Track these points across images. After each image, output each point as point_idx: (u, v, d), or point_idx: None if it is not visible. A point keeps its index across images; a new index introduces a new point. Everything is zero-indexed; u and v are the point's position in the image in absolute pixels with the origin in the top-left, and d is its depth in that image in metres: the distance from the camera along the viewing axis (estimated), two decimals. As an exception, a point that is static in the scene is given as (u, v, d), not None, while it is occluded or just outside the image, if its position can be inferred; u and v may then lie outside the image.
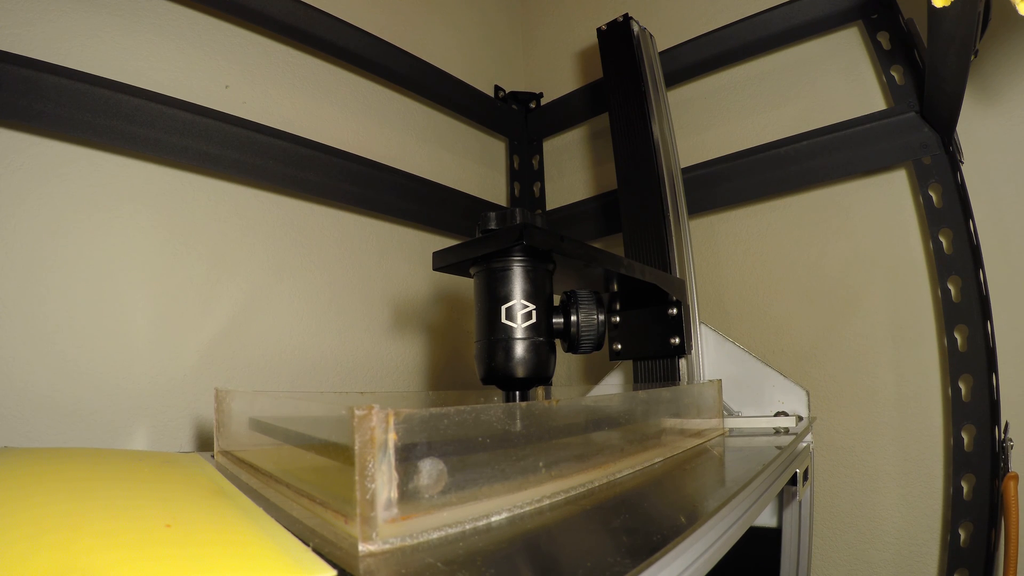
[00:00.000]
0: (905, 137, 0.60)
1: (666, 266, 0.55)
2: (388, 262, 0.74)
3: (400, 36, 0.76)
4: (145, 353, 0.51)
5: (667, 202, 0.58)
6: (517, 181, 0.96)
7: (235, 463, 0.33)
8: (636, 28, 0.66)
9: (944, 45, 0.42)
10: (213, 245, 0.57)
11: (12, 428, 0.44)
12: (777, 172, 0.69)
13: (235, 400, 0.35)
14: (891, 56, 0.63)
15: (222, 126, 0.55)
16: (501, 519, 0.22)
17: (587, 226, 0.85)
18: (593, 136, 0.95)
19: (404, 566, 0.17)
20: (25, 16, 0.48)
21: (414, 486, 0.19)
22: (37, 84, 0.45)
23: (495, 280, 0.32)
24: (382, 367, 0.71)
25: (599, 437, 0.30)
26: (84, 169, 0.50)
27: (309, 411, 0.27)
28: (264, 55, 0.65)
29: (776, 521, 0.54)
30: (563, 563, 0.19)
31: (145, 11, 0.55)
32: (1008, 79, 0.59)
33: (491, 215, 0.32)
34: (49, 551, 0.17)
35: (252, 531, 0.20)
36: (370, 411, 0.18)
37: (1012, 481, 0.45)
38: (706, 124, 0.81)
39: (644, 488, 0.29)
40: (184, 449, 0.53)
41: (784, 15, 0.68)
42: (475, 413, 0.22)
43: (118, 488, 0.25)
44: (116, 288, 0.51)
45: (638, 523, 0.23)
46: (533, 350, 0.31)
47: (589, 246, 0.34)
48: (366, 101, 0.75)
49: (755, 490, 0.32)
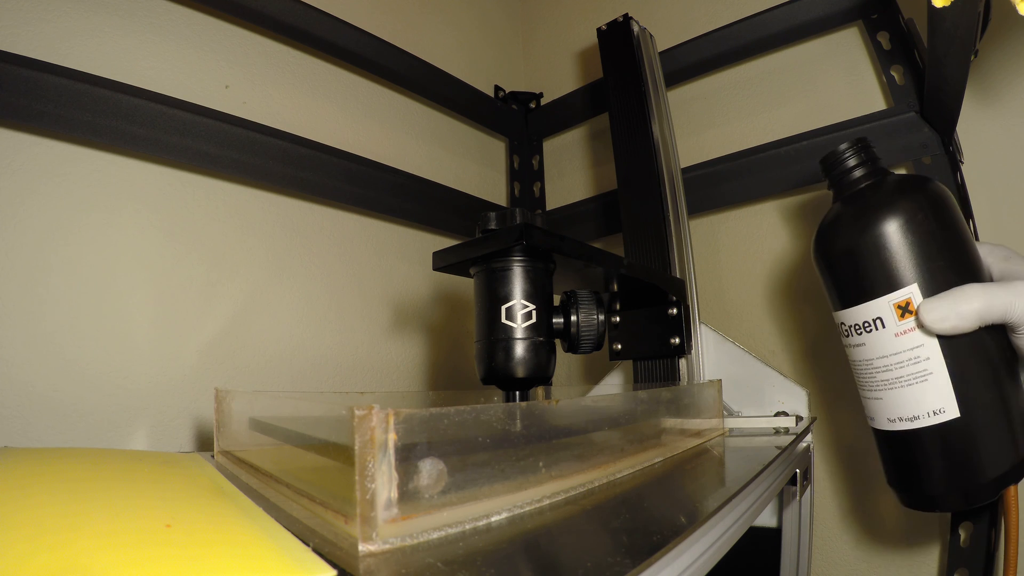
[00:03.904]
0: (905, 137, 0.60)
1: (666, 266, 0.55)
2: (388, 262, 0.74)
3: (400, 36, 0.76)
4: (145, 353, 0.52)
5: (667, 202, 0.58)
6: (517, 181, 0.96)
7: (235, 463, 0.33)
8: (636, 28, 0.66)
9: (944, 45, 0.42)
10: (213, 245, 0.57)
11: (12, 428, 0.44)
12: (777, 172, 0.69)
13: (235, 400, 0.35)
14: (891, 56, 0.63)
15: (222, 126, 0.55)
16: (501, 519, 0.22)
17: (587, 226, 0.85)
18: (593, 136, 0.95)
19: (404, 566, 0.17)
20: (25, 16, 0.48)
21: (414, 486, 0.19)
22: (37, 84, 0.45)
23: (495, 280, 0.32)
24: (382, 367, 0.71)
25: (599, 437, 0.30)
26: (84, 169, 0.50)
27: (309, 411, 0.27)
28: (264, 55, 0.65)
29: (776, 521, 0.54)
30: (563, 563, 0.19)
31: (145, 11, 0.55)
32: (1008, 79, 0.59)
33: (491, 215, 0.32)
34: (49, 551, 0.17)
35: (252, 531, 0.20)
36: (370, 411, 0.18)
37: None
38: (706, 124, 0.81)
39: (644, 488, 0.29)
40: (184, 449, 0.53)
41: (784, 15, 0.68)
42: (475, 413, 0.22)
43: (118, 488, 0.25)
44: (116, 288, 0.51)
45: (638, 523, 0.23)
46: (533, 350, 0.31)
47: (589, 246, 0.34)
48: (366, 101, 0.75)
49: (755, 490, 0.32)
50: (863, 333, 0.38)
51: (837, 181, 0.41)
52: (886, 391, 0.37)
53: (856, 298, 0.38)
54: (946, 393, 0.35)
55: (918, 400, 0.36)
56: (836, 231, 0.40)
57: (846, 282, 0.39)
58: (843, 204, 0.41)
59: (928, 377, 0.35)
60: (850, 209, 0.40)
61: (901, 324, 0.36)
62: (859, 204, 0.39)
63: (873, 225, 0.37)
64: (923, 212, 0.37)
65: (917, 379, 0.36)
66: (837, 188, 0.42)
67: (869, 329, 0.37)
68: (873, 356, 0.38)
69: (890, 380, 0.37)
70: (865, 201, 0.39)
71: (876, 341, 0.37)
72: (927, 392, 0.36)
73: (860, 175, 0.40)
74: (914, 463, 0.38)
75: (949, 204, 0.38)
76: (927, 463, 0.37)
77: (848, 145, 0.41)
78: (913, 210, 0.37)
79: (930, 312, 0.34)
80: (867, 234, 0.37)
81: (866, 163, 0.40)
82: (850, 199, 0.40)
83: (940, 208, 0.37)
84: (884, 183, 0.39)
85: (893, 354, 0.37)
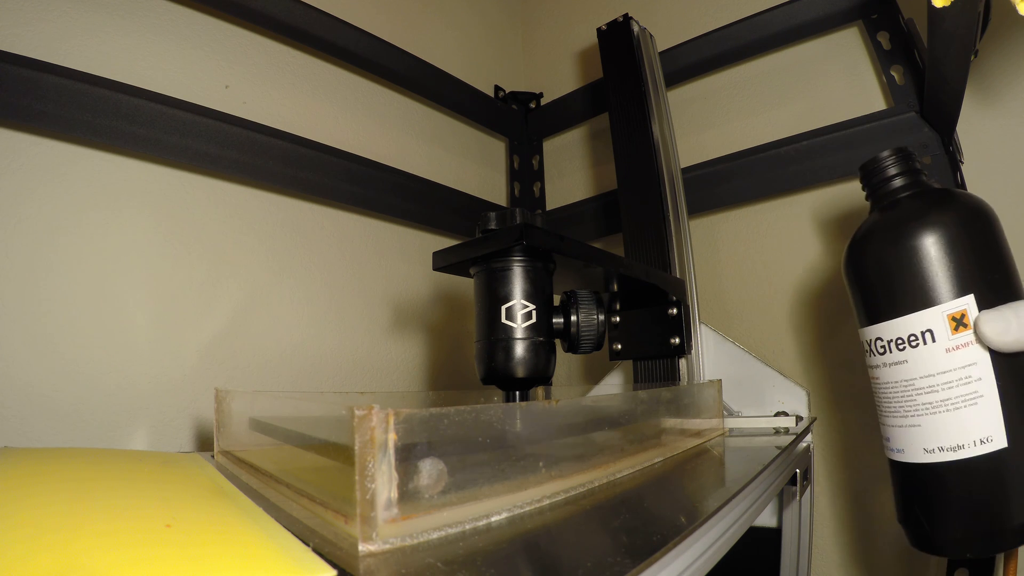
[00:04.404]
0: (905, 137, 0.60)
1: (666, 266, 0.55)
2: (388, 262, 0.74)
3: (400, 36, 0.76)
4: (145, 353, 0.52)
5: (667, 202, 0.58)
6: (517, 181, 0.96)
7: (235, 463, 0.33)
8: (636, 28, 0.66)
9: (944, 45, 0.42)
10: (213, 245, 0.57)
11: (12, 428, 0.44)
12: (777, 172, 0.69)
13: (235, 400, 0.35)
14: (891, 56, 0.63)
15: (222, 126, 0.55)
16: (501, 519, 0.22)
17: (587, 226, 0.85)
18: (593, 136, 0.95)
19: (404, 566, 0.17)
20: (25, 16, 0.48)
21: (414, 486, 0.19)
22: (37, 84, 0.45)
23: (495, 280, 0.32)
24: (382, 367, 0.71)
25: (599, 437, 0.30)
26: (84, 169, 0.50)
27: (309, 411, 0.27)
28: (264, 55, 0.65)
29: (776, 521, 0.54)
30: (563, 563, 0.19)
31: (145, 11, 0.55)
32: (1008, 79, 0.59)
33: (491, 215, 0.32)
34: (49, 551, 0.17)
35: (252, 531, 0.20)
36: (370, 411, 0.18)
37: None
38: (706, 124, 0.81)
39: (644, 488, 0.29)
40: (184, 449, 0.53)
41: (784, 15, 0.68)
42: (475, 413, 0.22)
43: (118, 488, 0.25)
44: (116, 288, 0.51)
45: (638, 523, 0.23)
46: (533, 350, 0.31)
47: (589, 246, 0.34)
48: (366, 101, 0.75)
49: (755, 490, 0.32)
50: (906, 348, 0.34)
51: (878, 188, 0.39)
52: (927, 416, 0.33)
53: (903, 308, 0.34)
54: (995, 419, 0.31)
55: (964, 427, 0.32)
56: (884, 237, 0.37)
57: (891, 292, 0.35)
58: (888, 211, 0.38)
59: (978, 400, 0.32)
60: (898, 216, 0.37)
61: (955, 338, 0.32)
62: (911, 210, 0.36)
63: (930, 230, 0.34)
64: (981, 222, 0.34)
65: (966, 402, 0.32)
66: (879, 196, 0.39)
67: (915, 343, 0.34)
68: (916, 375, 0.34)
69: (934, 403, 0.33)
70: (918, 208, 0.36)
71: (923, 357, 0.34)
72: (975, 417, 0.32)
73: (903, 183, 0.38)
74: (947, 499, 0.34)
75: (998, 221, 0.36)
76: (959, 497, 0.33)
77: (891, 153, 0.39)
78: (971, 219, 0.34)
79: (990, 323, 0.31)
80: (923, 239, 0.34)
81: (909, 173, 0.38)
82: (894, 206, 0.38)
83: (993, 223, 0.35)
84: (932, 192, 0.37)
85: (941, 372, 0.33)
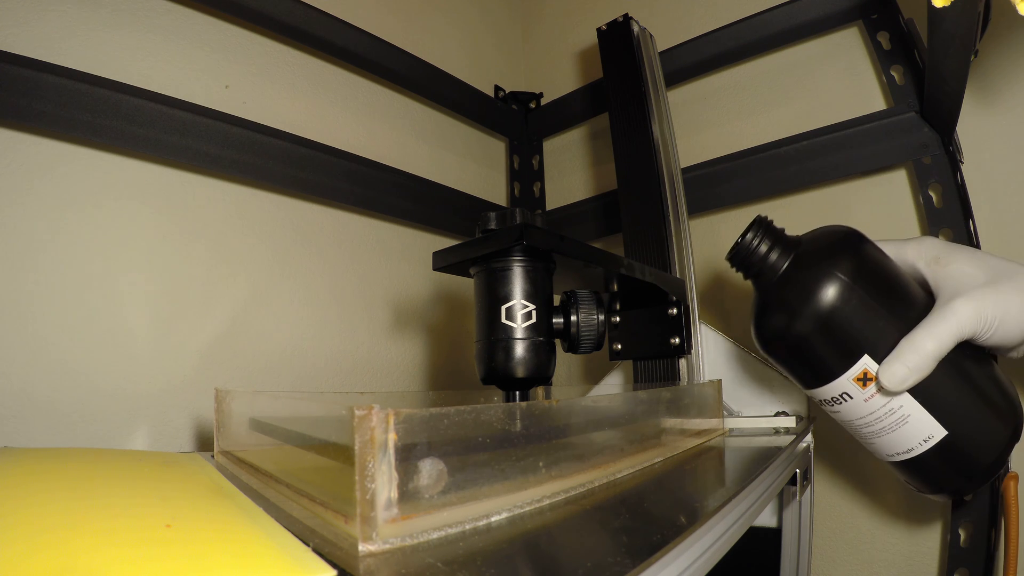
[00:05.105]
0: (905, 137, 0.60)
1: (666, 266, 0.55)
2: (388, 262, 0.74)
3: (400, 36, 0.76)
4: (145, 353, 0.51)
5: (667, 202, 0.58)
6: (517, 181, 0.96)
7: (235, 463, 0.33)
8: (636, 28, 0.66)
9: (944, 45, 0.42)
10: (213, 245, 0.57)
11: (12, 429, 0.44)
12: (777, 172, 0.69)
13: (235, 400, 0.35)
14: (891, 56, 0.63)
15: (222, 126, 0.55)
16: (501, 519, 0.22)
17: (587, 226, 0.85)
18: (593, 136, 0.95)
19: (404, 566, 0.17)
20: (24, 15, 0.48)
21: (414, 486, 0.19)
22: (37, 84, 0.45)
23: (495, 280, 0.32)
24: (382, 367, 0.71)
25: (599, 437, 0.30)
26: (84, 169, 0.50)
27: (309, 411, 0.27)
28: (264, 55, 0.65)
29: (776, 521, 0.53)
30: (563, 563, 0.19)
31: (145, 11, 0.55)
32: (1008, 79, 0.59)
33: (491, 215, 0.32)
34: (49, 551, 0.17)
35: (252, 531, 0.20)
36: (370, 411, 0.18)
37: (1012, 481, 0.45)
38: (706, 124, 0.81)
39: (644, 488, 0.29)
40: (184, 449, 0.53)
41: (784, 15, 0.68)
42: (475, 413, 0.22)
43: (118, 488, 0.25)
44: (116, 288, 0.51)
45: (638, 523, 0.23)
46: (533, 350, 0.31)
47: (589, 246, 0.34)
48: (366, 101, 0.75)
49: (755, 490, 0.32)
50: (836, 404, 0.39)
51: (754, 272, 0.40)
52: (875, 439, 0.39)
53: (816, 382, 0.39)
54: (928, 423, 0.37)
55: (906, 439, 0.38)
56: (774, 326, 0.39)
57: (800, 370, 0.40)
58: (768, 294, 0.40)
59: (908, 419, 0.37)
60: (777, 301, 0.39)
61: (866, 391, 0.37)
62: (783, 296, 0.38)
63: (806, 316, 0.37)
64: (848, 279, 0.36)
65: (899, 424, 0.37)
66: (756, 278, 0.41)
67: (841, 401, 0.39)
68: (853, 418, 0.39)
69: (875, 431, 0.39)
70: (788, 293, 0.38)
71: (851, 408, 0.39)
72: (911, 430, 0.37)
73: (775, 259, 0.39)
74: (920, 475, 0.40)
75: (865, 250, 0.38)
76: (933, 471, 0.39)
77: (751, 232, 0.39)
78: (839, 286, 0.36)
79: (889, 378, 0.35)
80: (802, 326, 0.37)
81: (775, 243, 0.39)
82: (772, 289, 0.39)
83: (860, 262, 0.37)
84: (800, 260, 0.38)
85: (869, 414, 0.38)
